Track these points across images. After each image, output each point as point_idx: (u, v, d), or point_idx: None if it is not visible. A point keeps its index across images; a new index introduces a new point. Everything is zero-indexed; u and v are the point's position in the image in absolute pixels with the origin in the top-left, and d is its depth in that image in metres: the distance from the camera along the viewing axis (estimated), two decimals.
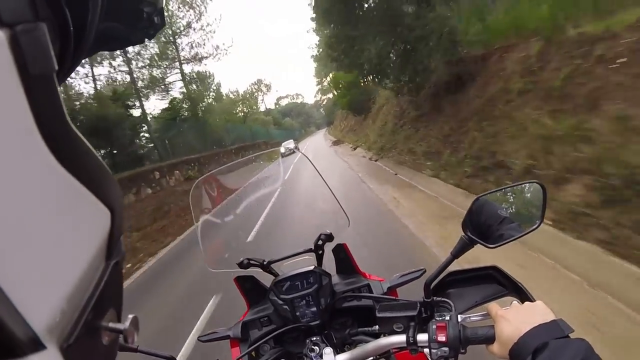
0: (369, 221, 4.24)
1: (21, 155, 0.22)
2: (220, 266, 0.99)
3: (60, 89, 0.25)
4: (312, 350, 0.84)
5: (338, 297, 0.88)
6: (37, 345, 0.21)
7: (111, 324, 0.32)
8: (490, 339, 0.56)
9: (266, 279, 0.92)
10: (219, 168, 1.11)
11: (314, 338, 0.86)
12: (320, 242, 0.89)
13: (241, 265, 0.90)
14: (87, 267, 0.27)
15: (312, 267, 0.86)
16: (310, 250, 0.91)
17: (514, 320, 0.53)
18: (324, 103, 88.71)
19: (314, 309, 0.85)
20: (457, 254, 0.68)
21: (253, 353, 0.89)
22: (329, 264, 0.93)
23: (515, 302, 0.59)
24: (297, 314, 0.85)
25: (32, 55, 0.22)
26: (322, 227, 0.90)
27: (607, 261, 2.11)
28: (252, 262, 0.90)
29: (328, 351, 0.74)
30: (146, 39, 0.49)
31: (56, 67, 0.25)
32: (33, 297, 0.21)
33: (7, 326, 0.19)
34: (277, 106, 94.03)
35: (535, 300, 0.57)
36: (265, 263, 0.91)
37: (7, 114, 0.21)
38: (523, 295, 0.67)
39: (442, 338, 0.60)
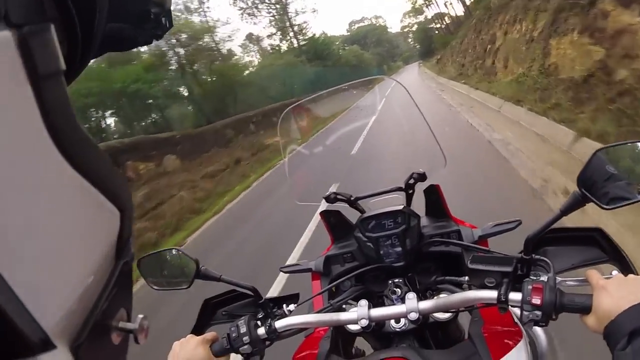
0: None
1: (30, 156, 0.23)
2: (307, 199, 1.06)
3: (68, 89, 0.26)
4: (394, 293, 0.87)
5: (425, 240, 0.88)
6: (47, 344, 0.23)
7: (121, 324, 0.33)
8: (586, 309, 0.55)
9: (353, 216, 0.96)
10: (308, 97, 1.14)
11: (397, 280, 0.89)
12: (412, 182, 0.88)
13: (328, 199, 0.93)
14: (97, 267, 0.28)
15: (401, 207, 0.87)
16: (400, 189, 0.91)
17: (615, 293, 0.52)
18: (414, 28, 74.95)
19: (399, 249, 0.86)
20: (566, 210, 0.64)
21: (333, 288, 0.95)
22: (419, 205, 0.94)
23: (616, 272, 0.59)
24: (381, 253, 0.87)
25: (40, 56, 0.23)
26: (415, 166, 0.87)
27: None
28: (339, 196, 0.93)
29: (411, 296, 0.75)
30: (154, 40, 0.52)
31: (64, 68, 0.26)
32: (43, 297, 0.23)
33: (18, 326, 0.21)
34: (349, 33, 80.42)
35: (638, 274, 0.56)
36: (352, 199, 0.94)
37: (15, 115, 0.22)
38: (624, 265, 0.66)
39: (536, 301, 0.60)
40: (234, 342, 0.76)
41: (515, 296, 0.63)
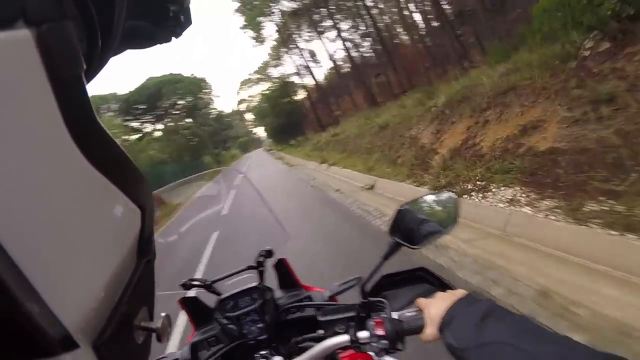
0: None
1: (50, 155, 0.28)
2: (166, 287, 1.39)
3: (88, 87, 0.33)
4: None
5: (282, 310, 1.31)
6: (70, 344, 0.28)
7: (143, 323, 0.40)
8: (422, 327, 0.85)
9: (211, 299, 1.34)
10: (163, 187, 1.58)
11: (263, 352, 1.23)
12: (261, 259, 1.31)
13: (184, 286, 1.30)
14: (118, 266, 0.35)
15: (255, 284, 1.29)
16: (252, 267, 1.33)
17: (439, 300, 0.84)
18: (254, 104, 59.95)
19: (260, 324, 1.25)
20: (386, 256, 1.06)
21: None
22: (272, 279, 1.38)
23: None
24: (244, 331, 1.25)
25: (59, 54, 0.29)
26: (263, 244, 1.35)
27: None
28: (194, 282, 1.30)
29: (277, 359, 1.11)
30: (173, 38, 0.64)
31: (84, 66, 0.32)
32: (66, 297, 0.28)
33: (41, 326, 0.25)
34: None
35: None
36: (208, 283, 1.33)
37: (35, 113, 0.27)
38: (449, 289, 1.00)
39: (380, 332, 0.90)
40: None
41: (363, 334, 0.95)
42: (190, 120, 52.44)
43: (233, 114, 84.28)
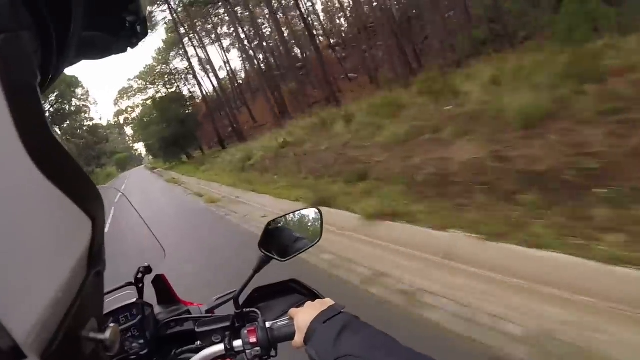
0: None
1: (1, 164, 0.29)
2: None
3: (42, 97, 0.35)
4: None
5: (161, 324, 1.37)
6: (17, 354, 0.28)
7: (92, 334, 0.41)
8: (292, 334, 0.94)
9: None
10: None
11: None
12: (139, 275, 1.39)
13: None
14: (68, 276, 0.36)
15: (134, 300, 1.35)
16: (130, 284, 1.40)
17: (307, 310, 0.92)
18: (134, 115, 54.36)
19: (141, 340, 1.30)
20: (257, 269, 1.18)
21: None
22: (152, 295, 1.47)
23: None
24: (125, 347, 1.28)
25: (14, 64, 0.30)
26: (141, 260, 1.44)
27: None
28: None
29: None
30: (129, 48, 0.66)
31: (38, 76, 0.34)
32: (14, 307, 0.28)
33: None
34: None
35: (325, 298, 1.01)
36: None
37: None
38: (318, 299, 1.08)
39: (253, 340, 0.99)
40: None
41: (238, 343, 1.03)
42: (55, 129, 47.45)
43: (111, 126, 77.44)
